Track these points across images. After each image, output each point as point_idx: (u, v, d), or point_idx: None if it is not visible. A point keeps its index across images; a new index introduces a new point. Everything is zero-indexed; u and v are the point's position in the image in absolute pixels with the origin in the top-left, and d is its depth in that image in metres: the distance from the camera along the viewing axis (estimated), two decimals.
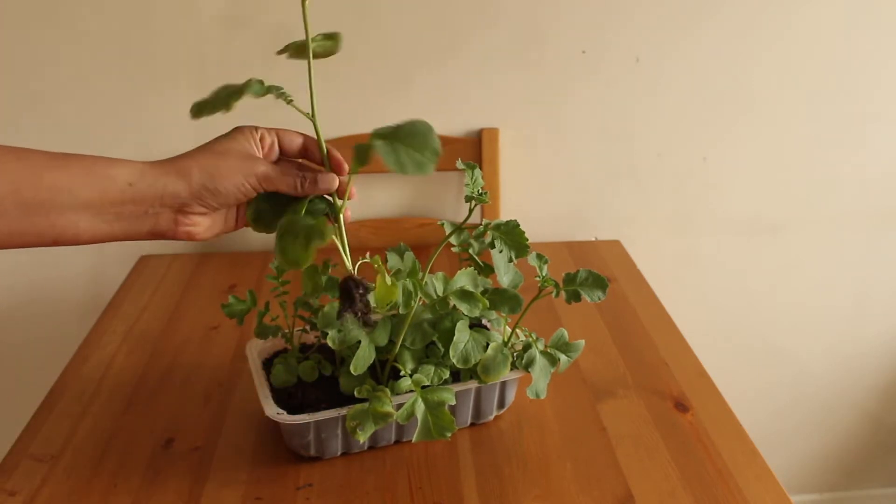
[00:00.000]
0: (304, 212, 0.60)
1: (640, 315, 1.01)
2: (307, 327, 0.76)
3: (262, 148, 0.59)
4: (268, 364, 0.76)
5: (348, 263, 0.61)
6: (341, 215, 0.62)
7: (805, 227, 1.31)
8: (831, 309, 1.40)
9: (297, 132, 0.62)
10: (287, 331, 0.76)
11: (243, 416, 0.79)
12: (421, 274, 0.69)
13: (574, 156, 1.23)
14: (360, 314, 0.58)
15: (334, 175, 0.60)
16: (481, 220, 0.79)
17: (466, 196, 0.70)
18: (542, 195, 1.26)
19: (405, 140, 0.53)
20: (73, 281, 1.25)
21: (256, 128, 0.59)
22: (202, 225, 0.58)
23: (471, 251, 0.72)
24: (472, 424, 0.78)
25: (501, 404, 0.78)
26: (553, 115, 1.20)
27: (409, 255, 0.71)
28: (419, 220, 1.22)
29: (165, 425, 0.78)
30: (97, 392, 0.84)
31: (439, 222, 0.73)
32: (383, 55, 1.14)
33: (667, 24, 1.15)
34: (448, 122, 1.19)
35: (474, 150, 1.18)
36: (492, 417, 0.79)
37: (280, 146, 0.61)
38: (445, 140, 1.17)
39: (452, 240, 0.71)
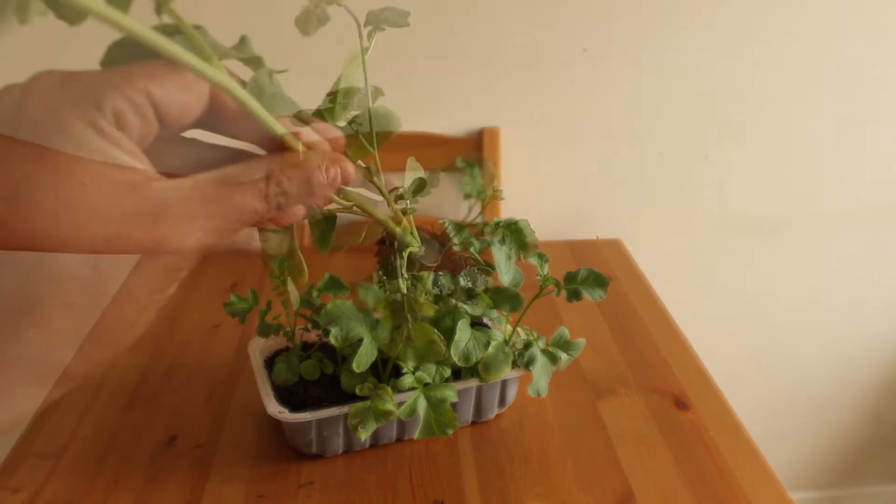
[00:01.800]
0: None
1: (640, 313, 1.01)
2: (309, 326, 0.76)
3: (129, 136, 0.26)
4: (269, 362, 0.76)
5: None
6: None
7: (805, 225, 1.31)
8: (831, 307, 1.40)
9: (198, 86, 0.28)
10: (289, 329, 0.76)
11: (245, 414, 0.80)
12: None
13: (575, 155, 1.23)
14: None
15: (340, 157, 0.31)
16: (481, 219, 0.79)
17: (465, 194, 0.70)
18: (543, 194, 1.26)
19: None
20: None
21: (97, 96, 0.25)
22: None
23: (472, 250, 0.72)
24: (474, 422, 0.78)
25: (502, 402, 0.79)
26: (554, 115, 1.20)
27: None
28: (419, 220, 1.22)
29: (168, 423, 0.79)
30: (100, 390, 0.85)
31: (441, 221, 0.73)
32: (383, 55, 1.14)
33: (668, 24, 1.15)
34: (449, 122, 1.19)
35: (475, 149, 1.19)
36: (493, 415, 0.79)
37: (161, 115, 0.27)
38: (446, 140, 1.18)
39: (454, 238, 0.71)
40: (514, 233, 0.70)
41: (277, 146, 0.30)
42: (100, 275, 0.25)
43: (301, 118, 0.31)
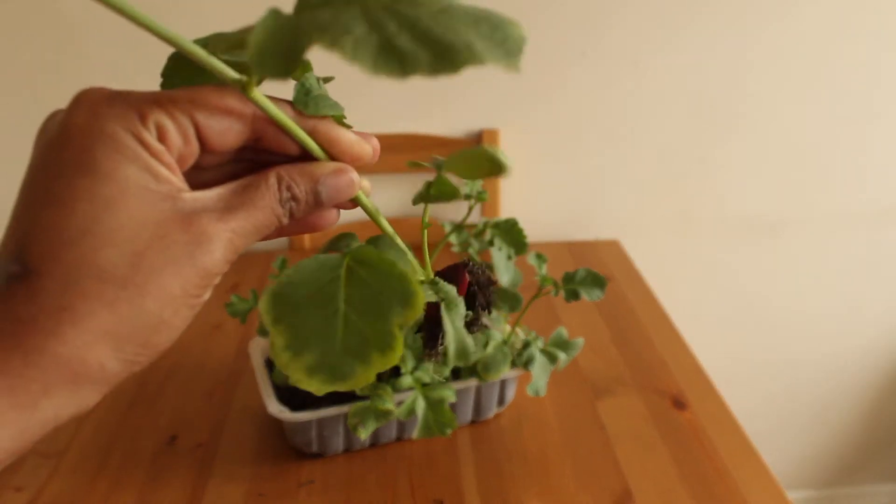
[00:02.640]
0: None
1: (638, 314, 1.01)
2: None
3: (169, 150, 0.27)
4: (270, 362, 0.77)
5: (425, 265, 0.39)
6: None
7: (803, 226, 1.32)
8: (828, 307, 1.41)
9: (241, 108, 0.28)
10: None
11: (246, 414, 0.80)
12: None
13: (574, 157, 1.24)
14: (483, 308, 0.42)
15: (345, 172, 0.31)
16: (480, 220, 0.79)
17: (465, 194, 0.71)
18: (541, 196, 1.26)
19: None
20: None
21: (141, 109, 0.26)
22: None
23: (471, 250, 0.73)
24: (473, 422, 0.79)
25: (501, 402, 0.79)
26: (553, 117, 1.21)
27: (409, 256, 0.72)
28: (419, 220, 1.23)
29: (169, 422, 0.79)
30: None
31: (440, 222, 0.74)
32: None
33: (665, 26, 1.15)
34: (448, 123, 1.19)
35: None
36: (492, 415, 0.79)
37: (203, 138, 0.28)
38: (446, 141, 1.18)
39: (452, 239, 0.72)
40: (507, 232, 0.70)
41: (288, 151, 0.31)
42: (139, 273, 0.25)
43: (343, 123, 0.32)
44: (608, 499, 0.69)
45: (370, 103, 1.17)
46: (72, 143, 0.25)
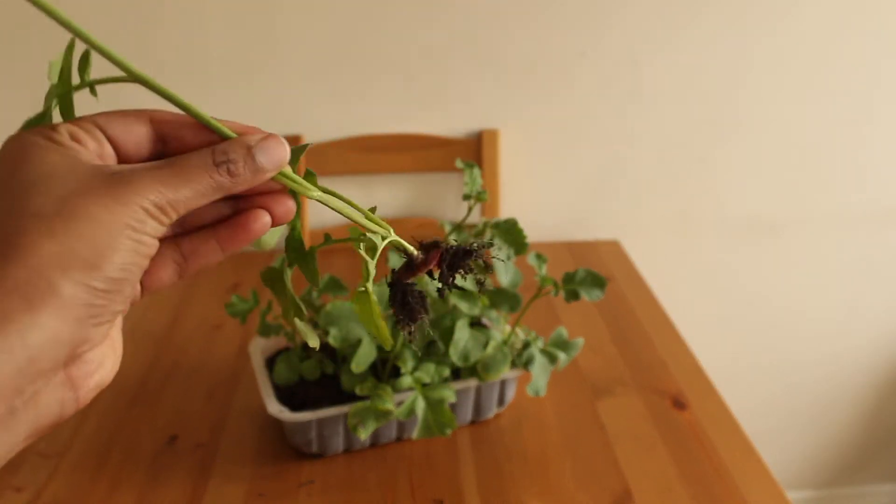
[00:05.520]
0: None
1: (638, 314, 1.02)
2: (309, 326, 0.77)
3: (86, 149, 0.31)
4: (270, 362, 0.77)
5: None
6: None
7: (802, 226, 1.32)
8: (828, 307, 1.41)
9: (136, 111, 0.33)
10: (289, 329, 0.77)
11: (246, 414, 0.80)
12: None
13: (573, 157, 1.24)
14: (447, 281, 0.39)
15: (275, 136, 0.33)
16: (480, 220, 0.80)
17: (465, 195, 0.71)
18: (541, 196, 1.26)
19: None
20: None
21: (52, 126, 0.31)
22: (110, 352, 0.32)
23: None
24: (473, 422, 0.79)
25: (501, 402, 0.79)
26: (552, 117, 1.21)
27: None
28: (420, 220, 1.23)
29: (169, 423, 0.79)
30: (102, 389, 0.85)
31: (439, 222, 0.74)
32: (384, 57, 1.15)
33: (665, 27, 1.15)
34: (448, 124, 1.19)
35: (474, 151, 1.19)
36: (492, 415, 0.79)
37: (112, 142, 0.32)
38: (445, 141, 1.18)
39: (452, 239, 0.72)
40: (507, 232, 0.70)
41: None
42: (66, 206, 0.28)
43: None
44: (608, 499, 0.69)
45: (370, 103, 1.17)
46: (4, 160, 0.30)
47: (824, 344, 1.44)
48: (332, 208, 0.36)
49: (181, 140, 0.33)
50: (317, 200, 0.35)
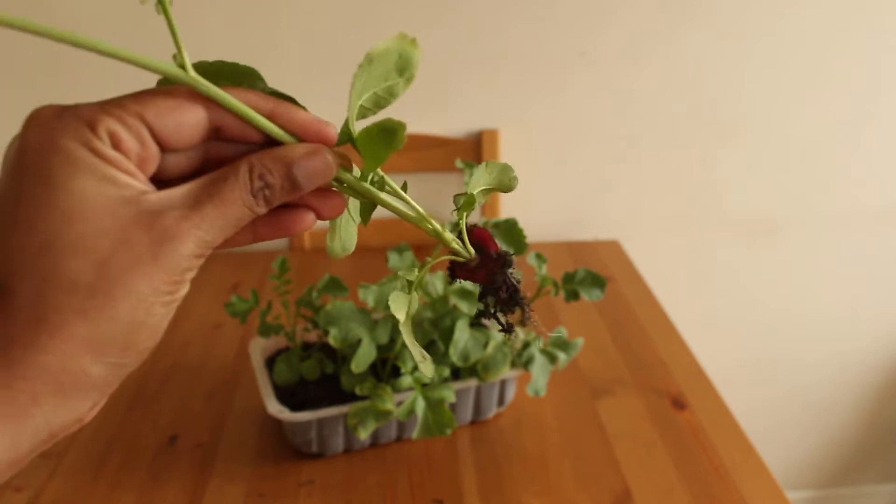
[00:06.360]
0: None
1: (638, 314, 1.02)
2: (309, 326, 0.77)
3: (126, 156, 0.27)
4: (270, 362, 0.77)
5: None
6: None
7: (802, 227, 1.32)
8: (827, 308, 1.41)
9: (191, 96, 0.28)
10: (289, 329, 0.77)
11: (246, 414, 0.80)
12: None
13: (573, 157, 1.24)
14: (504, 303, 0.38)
15: (319, 153, 0.30)
16: (480, 220, 0.80)
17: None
18: (541, 196, 1.26)
19: None
20: None
21: (91, 120, 0.26)
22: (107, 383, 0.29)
23: None
24: (473, 422, 0.79)
25: (501, 402, 0.79)
26: (552, 117, 1.21)
27: (409, 255, 0.72)
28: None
29: (169, 423, 0.79)
30: None
31: (440, 222, 0.74)
32: None
33: (664, 27, 1.15)
34: (448, 124, 1.19)
35: (474, 151, 1.19)
36: (492, 415, 0.79)
37: (159, 139, 0.27)
38: (445, 141, 1.18)
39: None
40: (507, 232, 0.70)
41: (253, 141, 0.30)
42: (105, 279, 0.26)
43: (300, 105, 0.32)
44: (607, 499, 0.69)
45: None
46: (28, 163, 0.25)
47: (824, 344, 1.44)
48: (392, 209, 0.34)
49: (240, 131, 0.29)
50: (381, 205, 0.33)
